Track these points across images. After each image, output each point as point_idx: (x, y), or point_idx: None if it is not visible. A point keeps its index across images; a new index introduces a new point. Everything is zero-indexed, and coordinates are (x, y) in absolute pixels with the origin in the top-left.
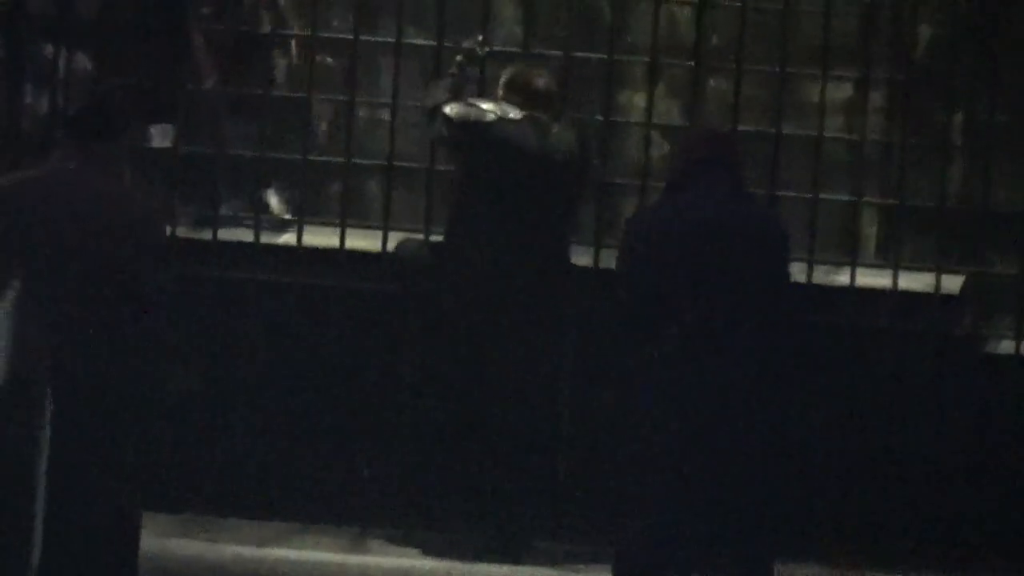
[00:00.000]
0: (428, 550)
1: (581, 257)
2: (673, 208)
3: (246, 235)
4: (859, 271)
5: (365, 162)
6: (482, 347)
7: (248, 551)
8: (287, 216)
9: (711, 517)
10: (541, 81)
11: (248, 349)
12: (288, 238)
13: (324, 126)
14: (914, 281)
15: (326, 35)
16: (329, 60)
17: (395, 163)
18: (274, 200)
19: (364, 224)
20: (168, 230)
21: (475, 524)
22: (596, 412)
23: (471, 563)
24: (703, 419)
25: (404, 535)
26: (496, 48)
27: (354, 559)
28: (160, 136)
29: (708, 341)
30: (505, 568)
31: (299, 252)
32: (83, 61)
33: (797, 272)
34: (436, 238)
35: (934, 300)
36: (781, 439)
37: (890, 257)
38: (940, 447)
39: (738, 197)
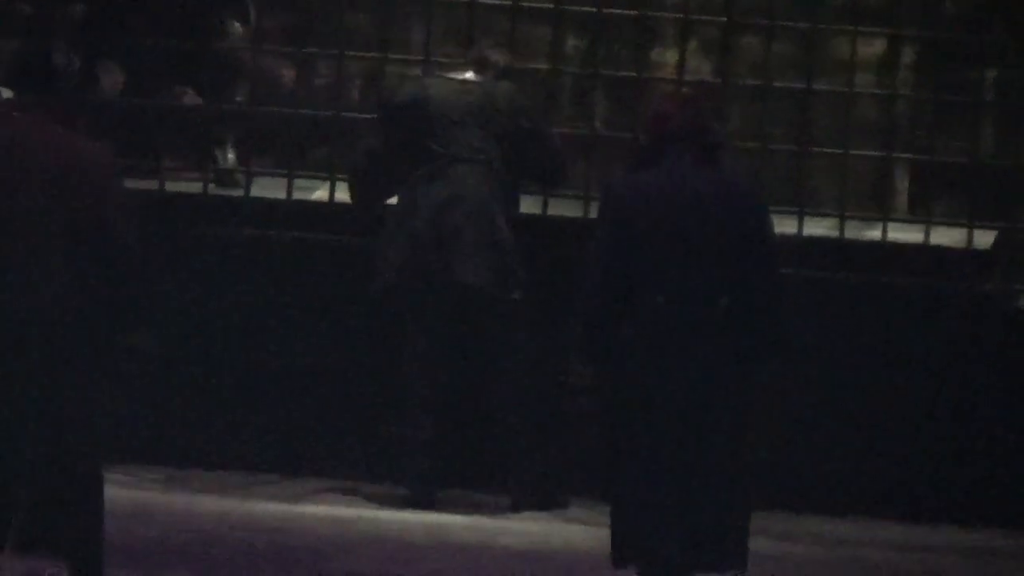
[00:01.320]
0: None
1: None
2: (646, 179)
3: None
4: (891, 227)
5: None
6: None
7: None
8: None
9: (703, 494)
10: (488, 53)
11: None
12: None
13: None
14: (945, 237)
15: None
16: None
17: None
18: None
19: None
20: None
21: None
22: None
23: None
24: (684, 397)
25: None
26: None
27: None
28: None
29: (686, 316)
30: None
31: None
32: None
33: (830, 227)
34: None
35: (966, 256)
36: (764, 415)
37: (922, 213)
38: (971, 403)
39: (711, 167)
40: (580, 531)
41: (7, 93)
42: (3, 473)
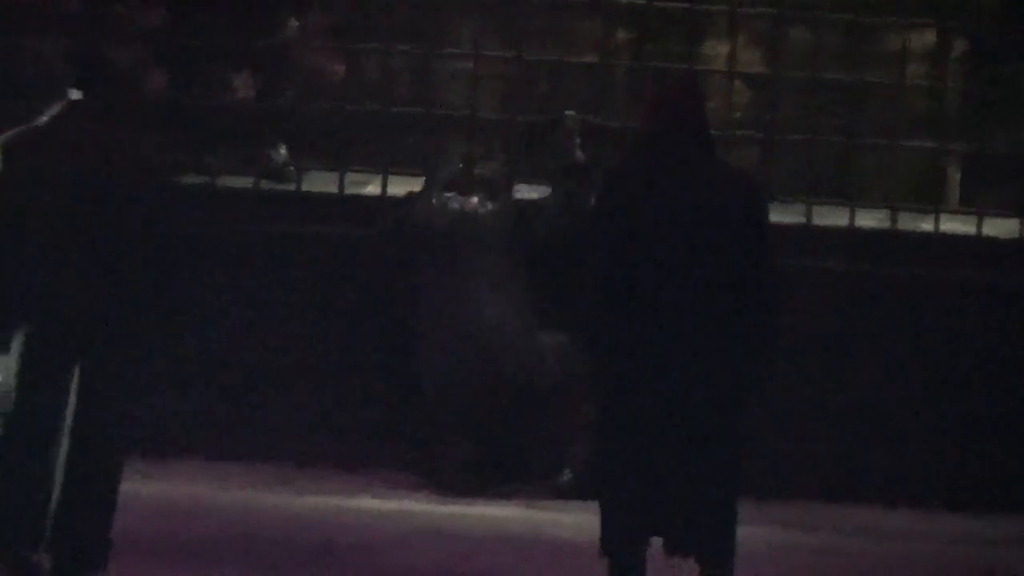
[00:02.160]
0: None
1: None
2: (642, 168)
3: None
4: (943, 218)
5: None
6: None
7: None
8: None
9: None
10: (481, 169)
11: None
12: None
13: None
14: (997, 228)
15: None
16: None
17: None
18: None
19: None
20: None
21: None
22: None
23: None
24: (675, 387)
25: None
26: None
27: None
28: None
29: (680, 305)
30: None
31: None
32: None
33: (881, 219)
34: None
35: (1019, 247)
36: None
37: (973, 204)
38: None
39: (709, 156)
40: None
41: (76, 95)
42: (39, 473)
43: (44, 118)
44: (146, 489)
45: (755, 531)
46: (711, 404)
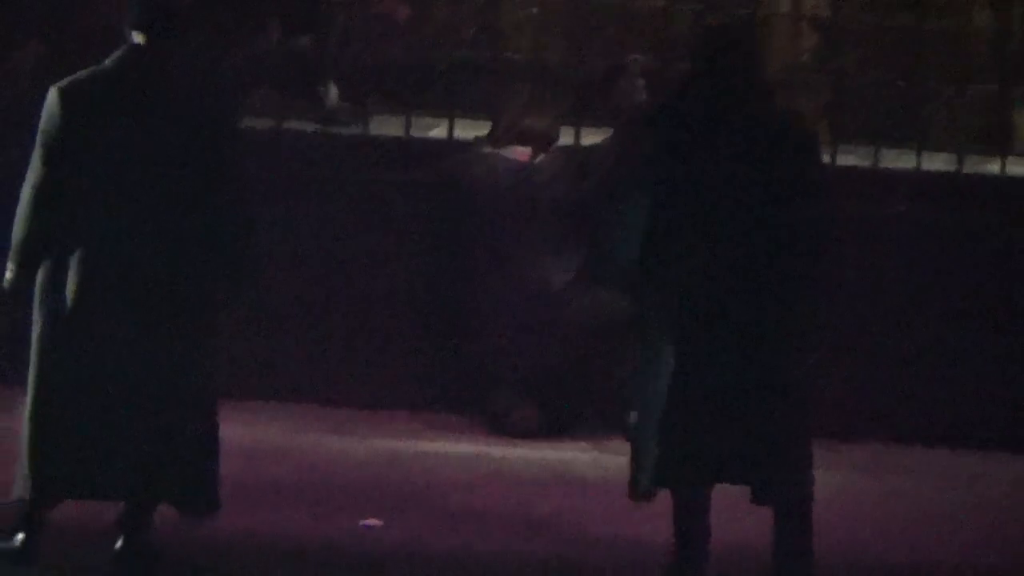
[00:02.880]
0: None
1: None
2: (686, 114)
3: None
4: (1009, 160)
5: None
6: None
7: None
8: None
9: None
10: (535, 123)
11: None
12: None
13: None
14: None
15: None
16: None
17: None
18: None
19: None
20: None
21: None
22: None
23: None
24: (717, 336)
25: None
26: None
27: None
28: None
29: (722, 252)
30: None
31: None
32: None
33: (948, 163)
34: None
35: None
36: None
37: None
38: None
39: (757, 97)
40: None
41: (139, 38)
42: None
43: (106, 63)
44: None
45: (822, 475)
46: (766, 346)
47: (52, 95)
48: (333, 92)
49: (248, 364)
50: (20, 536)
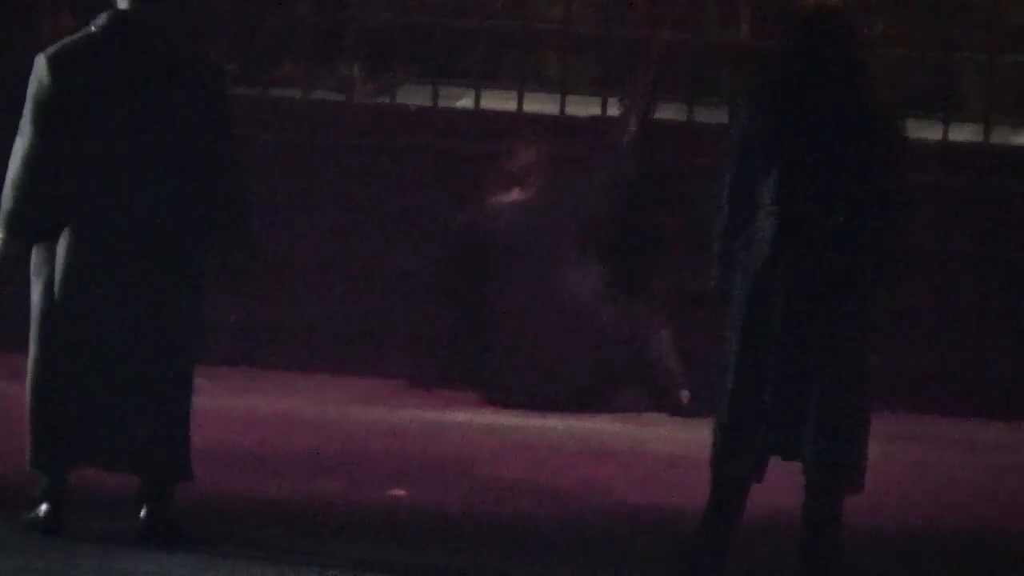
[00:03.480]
0: None
1: None
2: (780, 95)
3: None
4: None
5: None
6: None
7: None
8: None
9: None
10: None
11: None
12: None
13: None
14: None
15: None
16: None
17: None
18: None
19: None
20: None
21: None
22: None
23: None
24: (800, 308)
25: None
26: None
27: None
28: None
29: (804, 226)
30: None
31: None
32: None
33: (974, 132)
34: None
35: None
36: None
37: None
38: None
39: (850, 84)
40: None
41: (123, 2)
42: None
43: (91, 28)
44: (244, 402)
45: None
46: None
47: (40, 62)
48: (343, 63)
49: (277, 334)
50: (44, 507)
